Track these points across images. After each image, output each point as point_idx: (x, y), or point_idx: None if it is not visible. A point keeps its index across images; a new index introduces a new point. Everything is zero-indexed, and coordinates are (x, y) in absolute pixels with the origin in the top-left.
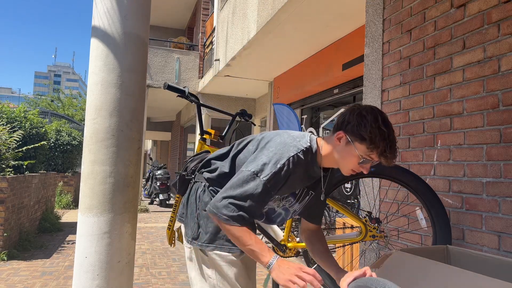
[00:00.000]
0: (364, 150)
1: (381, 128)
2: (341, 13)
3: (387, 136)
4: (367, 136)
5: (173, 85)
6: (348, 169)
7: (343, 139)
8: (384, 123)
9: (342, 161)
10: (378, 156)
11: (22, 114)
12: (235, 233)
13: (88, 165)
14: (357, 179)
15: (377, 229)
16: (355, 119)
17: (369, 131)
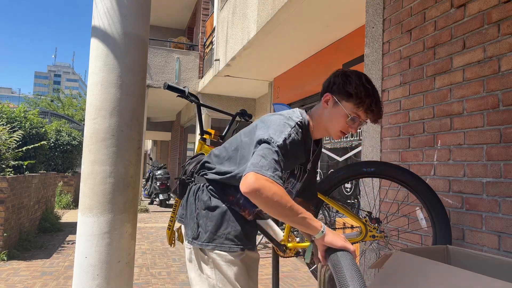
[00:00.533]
0: (351, 107)
1: (366, 85)
2: (341, 13)
3: (372, 92)
4: (353, 92)
5: (173, 85)
6: (337, 131)
7: (330, 100)
8: (367, 81)
9: (331, 123)
10: (364, 112)
11: (22, 114)
12: (283, 197)
13: (88, 165)
14: (357, 179)
15: (377, 229)
16: (340, 79)
17: (354, 87)
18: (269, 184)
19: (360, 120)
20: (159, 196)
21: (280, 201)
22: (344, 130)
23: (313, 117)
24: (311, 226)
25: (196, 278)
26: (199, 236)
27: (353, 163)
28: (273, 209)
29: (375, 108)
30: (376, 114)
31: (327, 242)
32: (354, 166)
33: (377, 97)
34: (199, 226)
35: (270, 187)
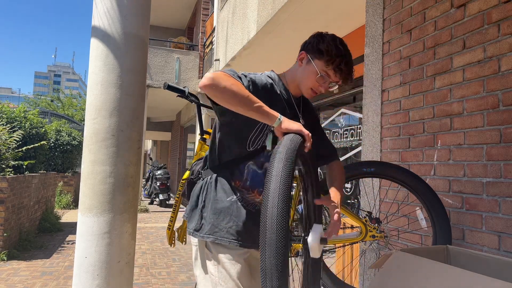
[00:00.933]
0: (322, 65)
1: (338, 46)
2: (341, 13)
3: (344, 53)
4: (324, 50)
5: (173, 85)
6: (307, 88)
7: (305, 58)
8: (341, 43)
9: (303, 80)
10: (333, 70)
11: (22, 114)
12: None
13: (88, 165)
14: (357, 179)
15: (377, 229)
16: (315, 38)
17: (326, 45)
18: (226, 76)
19: (330, 79)
20: (159, 196)
21: (238, 90)
22: (314, 88)
23: (288, 74)
24: (269, 114)
25: (200, 276)
26: (202, 227)
27: (353, 163)
28: (231, 98)
29: (344, 68)
30: (345, 73)
31: (284, 128)
32: (354, 166)
33: (348, 58)
34: (203, 218)
35: (228, 78)
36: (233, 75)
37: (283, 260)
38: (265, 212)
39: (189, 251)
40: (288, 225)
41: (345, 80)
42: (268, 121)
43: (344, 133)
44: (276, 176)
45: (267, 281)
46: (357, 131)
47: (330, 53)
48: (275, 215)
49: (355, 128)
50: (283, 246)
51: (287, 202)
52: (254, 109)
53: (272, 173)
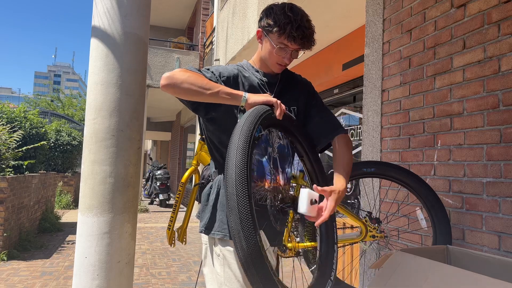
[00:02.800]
0: (275, 38)
1: (286, 13)
2: (341, 13)
3: (293, 19)
4: (272, 22)
5: None
6: (273, 64)
7: (261, 35)
8: (290, 9)
9: (266, 57)
10: (287, 39)
11: (22, 114)
12: (196, 78)
13: (88, 165)
14: (357, 179)
15: (377, 229)
16: (264, 12)
17: (273, 17)
18: (182, 71)
19: (290, 49)
20: (159, 196)
21: (195, 81)
22: (278, 62)
23: (255, 57)
24: (233, 95)
25: (208, 275)
26: (211, 225)
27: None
28: (191, 89)
29: (296, 33)
30: (300, 38)
31: (252, 103)
32: (354, 166)
33: (299, 22)
34: (212, 215)
35: (183, 73)
36: (191, 69)
37: (248, 223)
38: (226, 181)
39: (189, 251)
40: (248, 190)
41: (303, 45)
42: (235, 101)
43: None
44: (234, 145)
45: (237, 245)
46: (357, 131)
47: (279, 23)
48: (233, 180)
49: (355, 128)
50: (247, 211)
51: (245, 168)
52: (215, 93)
53: (230, 144)
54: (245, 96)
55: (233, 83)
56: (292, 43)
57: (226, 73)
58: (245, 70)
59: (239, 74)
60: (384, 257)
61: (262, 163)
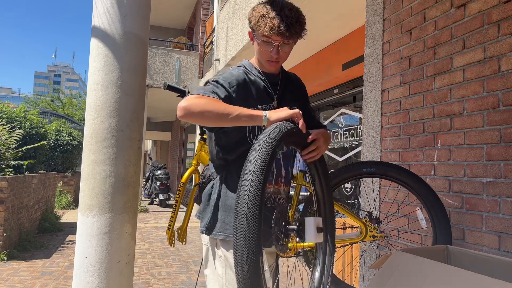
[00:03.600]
0: (258, 34)
1: (264, 7)
2: (341, 13)
3: (270, 10)
4: (252, 20)
5: (173, 85)
6: (264, 61)
7: (251, 36)
8: (270, 3)
9: (258, 56)
10: (269, 32)
11: (22, 114)
12: (214, 105)
13: (88, 165)
14: (357, 179)
15: (377, 229)
16: (249, 13)
17: (251, 14)
18: (198, 99)
19: (274, 42)
20: (159, 196)
21: (213, 109)
22: (268, 58)
23: (254, 56)
24: (254, 116)
25: (210, 276)
26: (213, 225)
27: (353, 163)
28: (211, 118)
29: (272, 23)
30: (277, 27)
31: (275, 120)
32: (354, 166)
33: (275, 13)
34: (214, 215)
35: (199, 100)
36: (205, 94)
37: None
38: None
39: (189, 251)
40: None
41: (286, 36)
42: (256, 123)
43: (344, 133)
44: (252, 161)
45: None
46: (357, 131)
47: (256, 17)
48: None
49: (355, 128)
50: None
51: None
52: (235, 118)
53: (249, 159)
54: (266, 115)
55: (242, 89)
56: (275, 36)
57: (234, 81)
58: (249, 72)
59: (245, 77)
60: (384, 257)
61: None
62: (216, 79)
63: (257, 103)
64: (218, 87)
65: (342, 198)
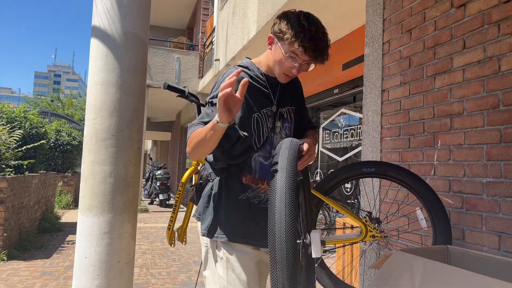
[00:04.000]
0: (287, 47)
1: (301, 22)
2: (341, 13)
3: (307, 28)
4: (285, 29)
5: (173, 85)
6: (281, 73)
7: (272, 41)
8: (306, 19)
9: (274, 65)
10: (299, 49)
11: (22, 114)
12: (193, 137)
13: (88, 165)
14: (357, 179)
15: (377, 229)
16: (278, 19)
17: (286, 24)
18: (188, 143)
19: (299, 59)
20: (159, 196)
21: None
22: (286, 72)
23: (262, 59)
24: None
25: (209, 277)
26: (215, 228)
27: (353, 163)
28: (200, 149)
29: (308, 44)
30: (311, 50)
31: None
32: (354, 166)
33: (313, 33)
34: (216, 218)
35: (189, 141)
36: (195, 129)
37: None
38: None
39: (189, 251)
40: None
41: (315, 58)
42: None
43: (344, 133)
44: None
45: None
46: (357, 131)
47: (291, 30)
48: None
49: (355, 128)
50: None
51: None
52: (210, 139)
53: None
54: (216, 120)
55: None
56: (303, 54)
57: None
58: (251, 75)
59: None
60: (384, 257)
61: (264, 166)
62: (212, 97)
63: (255, 107)
64: (213, 108)
65: (342, 198)
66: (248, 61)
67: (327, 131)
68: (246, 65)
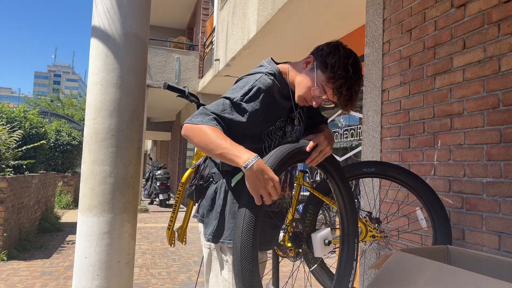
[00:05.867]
0: (322, 79)
1: (347, 67)
2: (341, 13)
3: (350, 75)
4: (330, 64)
5: (173, 85)
6: (300, 95)
7: (310, 63)
8: (354, 65)
9: (299, 85)
10: (332, 90)
11: (22, 114)
12: (207, 132)
13: (88, 165)
14: (357, 179)
15: (377, 229)
16: (329, 48)
17: (334, 61)
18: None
19: (325, 96)
20: (159, 196)
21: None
22: (307, 99)
23: (291, 69)
24: (234, 162)
25: (212, 279)
26: (221, 232)
27: (353, 163)
28: (200, 147)
29: (344, 92)
30: (344, 98)
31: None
32: (354, 166)
33: (353, 83)
34: (221, 222)
35: (192, 130)
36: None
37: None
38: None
39: (189, 251)
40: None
41: (344, 106)
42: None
43: (344, 133)
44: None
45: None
46: (357, 131)
47: (335, 70)
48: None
49: (355, 128)
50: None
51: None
52: (218, 156)
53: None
54: (249, 164)
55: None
56: (334, 96)
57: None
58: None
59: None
60: (384, 257)
61: None
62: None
63: (273, 121)
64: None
65: None
66: (276, 69)
67: None
68: (274, 72)
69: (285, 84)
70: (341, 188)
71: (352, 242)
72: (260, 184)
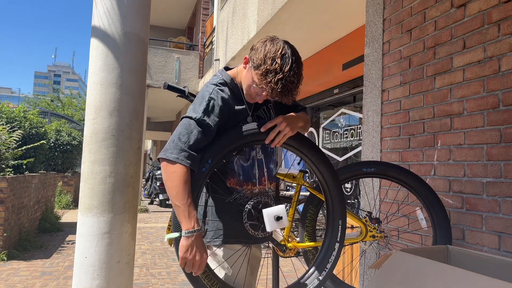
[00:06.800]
0: (257, 78)
1: (275, 59)
2: (341, 13)
3: (278, 70)
4: (257, 63)
5: (173, 85)
6: (247, 94)
7: (247, 62)
8: (282, 57)
9: (244, 85)
10: (266, 86)
11: (21, 114)
12: (178, 178)
13: (88, 165)
14: (357, 179)
15: (377, 229)
16: (260, 44)
17: (263, 56)
18: (169, 167)
19: (263, 92)
20: (159, 196)
21: (171, 183)
22: (252, 96)
23: (239, 72)
24: (180, 220)
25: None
26: (206, 234)
27: (353, 163)
28: (166, 187)
29: (275, 86)
30: (277, 92)
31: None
32: (354, 166)
33: (284, 74)
34: (206, 224)
35: (167, 170)
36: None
37: None
38: None
39: None
40: None
41: (280, 97)
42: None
43: (344, 133)
44: None
45: None
46: (357, 131)
47: (264, 66)
48: None
49: (355, 128)
50: None
51: None
52: (173, 204)
53: None
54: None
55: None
56: (270, 94)
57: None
58: (231, 93)
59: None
60: (384, 257)
61: (246, 167)
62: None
63: (233, 123)
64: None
65: None
66: (228, 77)
67: (327, 131)
68: (226, 80)
69: (239, 89)
70: (317, 165)
71: (336, 223)
72: (188, 255)
